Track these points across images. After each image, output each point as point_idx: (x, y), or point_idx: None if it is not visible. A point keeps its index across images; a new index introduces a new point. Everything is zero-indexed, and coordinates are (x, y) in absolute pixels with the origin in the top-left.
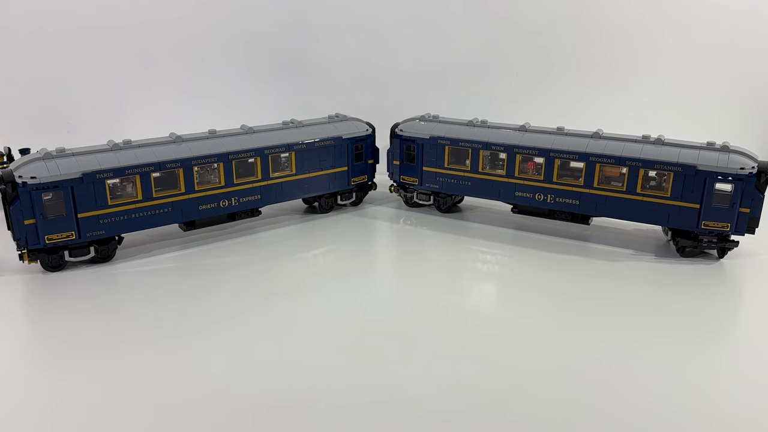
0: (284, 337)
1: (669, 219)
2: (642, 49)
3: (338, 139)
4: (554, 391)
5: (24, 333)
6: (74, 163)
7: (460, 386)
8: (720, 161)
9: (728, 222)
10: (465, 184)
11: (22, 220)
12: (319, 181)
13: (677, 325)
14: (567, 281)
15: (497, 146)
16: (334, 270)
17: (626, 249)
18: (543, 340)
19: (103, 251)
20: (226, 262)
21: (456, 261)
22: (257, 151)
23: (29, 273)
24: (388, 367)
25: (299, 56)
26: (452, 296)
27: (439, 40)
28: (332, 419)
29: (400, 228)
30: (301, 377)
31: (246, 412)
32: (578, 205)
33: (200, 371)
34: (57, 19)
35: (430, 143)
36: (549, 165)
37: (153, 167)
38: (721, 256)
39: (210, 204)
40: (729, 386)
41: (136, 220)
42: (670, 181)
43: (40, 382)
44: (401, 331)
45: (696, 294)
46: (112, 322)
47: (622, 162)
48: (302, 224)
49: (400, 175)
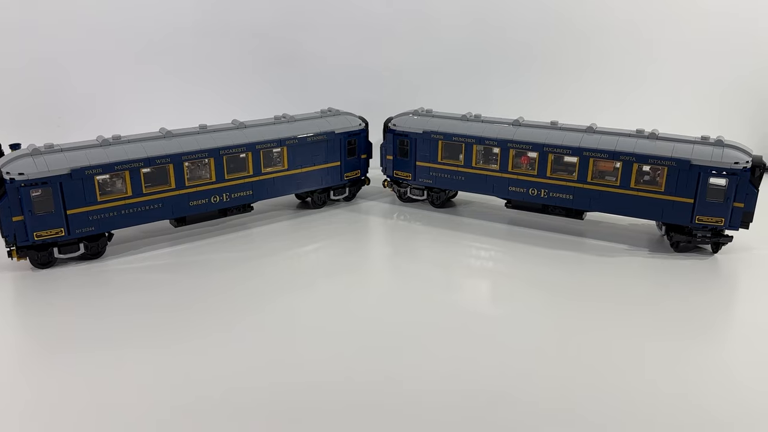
0: (277, 335)
1: (663, 214)
2: (636, 42)
3: (331, 134)
4: (548, 386)
5: (13, 330)
6: (63, 159)
7: (454, 384)
8: (714, 156)
9: (722, 217)
10: (458, 179)
11: (10, 216)
12: (312, 177)
13: (671, 321)
14: (561, 277)
15: (491, 141)
16: (327, 266)
17: (620, 244)
18: (536, 336)
19: (92, 248)
20: (218, 258)
21: (450, 256)
22: (249, 146)
23: (18, 270)
24: (382, 365)
25: (291, 50)
26: (446, 292)
27: (433, 35)
28: (325, 417)
29: (393, 223)
30: (295, 375)
31: (239, 410)
32: (572, 200)
33: (192, 370)
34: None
35: (424, 138)
36: (543, 160)
37: (143, 163)
38: (715, 251)
39: (201, 200)
40: (723, 381)
41: (126, 216)
42: (664, 176)
43: (29, 380)
44: (395, 328)
45: (690, 289)
46: (102, 320)
47: (615, 156)
48: (295, 220)
49: (393, 170)
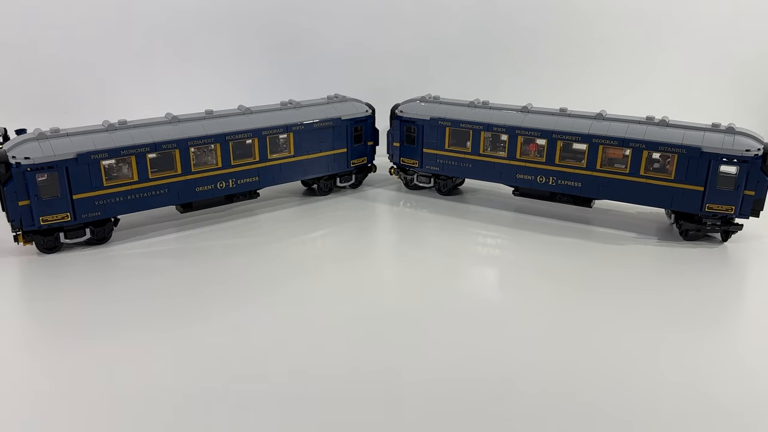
0: (283, 322)
1: (672, 202)
2: (647, 28)
3: (337, 120)
4: (555, 376)
5: (19, 315)
6: (69, 144)
7: (459, 372)
8: (725, 143)
9: (733, 205)
10: (466, 166)
11: (16, 201)
12: (318, 163)
13: (679, 310)
14: (569, 265)
15: (499, 128)
16: (333, 253)
17: (629, 232)
18: (544, 324)
19: (99, 233)
20: (224, 244)
21: (456, 244)
22: (255, 132)
23: (24, 255)
24: (389, 352)
25: (298, 35)
26: (452, 280)
27: (441, 20)
28: (332, 404)
29: (399, 211)
30: (301, 362)
31: (244, 395)
32: (580, 188)
33: (198, 355)
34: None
35: (431, 124)
36: (551, 147)
37: (149, 148)
38: (724, 239)
39: (207, 186)
40: (733, 370)
41: (132, 201)
42: (674, 163)
43: (35, 365)
44: (401, 316)
45: (699, 278)
46: (108, 305)
47: (625, 144)
48: (301, 207)
49: (400, 157)
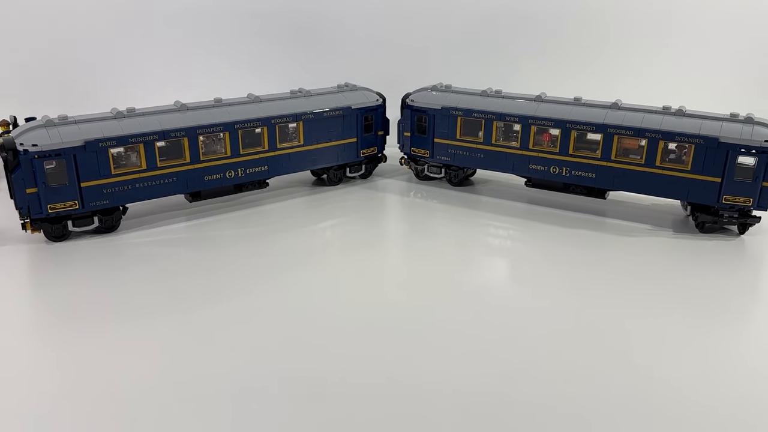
0: (292, 313)
1: (689, 193)
2: (663, 17)
3: (347, 110)
4: (569, 368)
5: (27, 303)
6: (77, 131)
7: (471, 364)
8: (743, 133)
9: (750, 197)
10: (477, 156)
11: (24, 188)
12: (328, 153)
13: (696, 304)
14: (582, 257)
15: (511, 117)
16: (343, 244)
17: (643, 224)
18: (558, 317)
19: (107, 221)
20: (233, 234)
21: (467, 236)
22: (264, 120)
23: (33, 243)
24: (398, 344)
25: (308, 23)
26: (464, 272)
27: (453, 7)
28: (341, 395)
29: (410, 201)
30: (311, 353)
31: (252, 386)
32: (595, 179)
33: (206, 345)
34: None
35: (442, 114)
36: (565, 137)
37: (157, 136)
38: (741, 232)
39: (216, 174)
40: (748, 364)
41: (141, 190)
42: (691, 154)
43: (43, 352)
44: (411, 307)
45: (715, 271)
46: (116, 294)
47: (641, 134)
48: (310, 197)
49: (410, 147)
